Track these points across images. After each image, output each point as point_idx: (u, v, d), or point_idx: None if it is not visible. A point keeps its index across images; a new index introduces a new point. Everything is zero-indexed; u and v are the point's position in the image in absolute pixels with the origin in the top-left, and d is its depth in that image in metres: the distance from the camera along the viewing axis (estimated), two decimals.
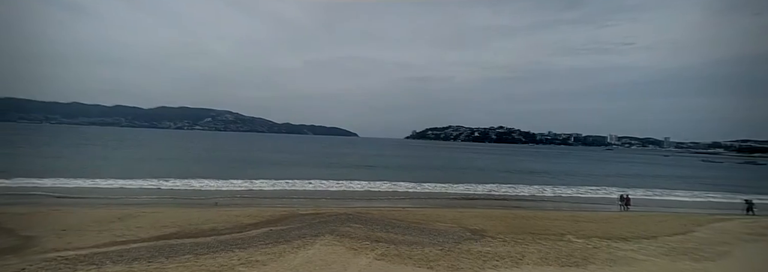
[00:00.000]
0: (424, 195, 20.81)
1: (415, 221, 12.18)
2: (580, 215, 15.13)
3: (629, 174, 43.75)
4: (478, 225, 11.86)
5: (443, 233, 10.53)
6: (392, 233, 10.26)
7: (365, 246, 8.75)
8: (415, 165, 42.87)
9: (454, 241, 9.63)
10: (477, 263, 7.76)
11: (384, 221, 11.90)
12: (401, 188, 22.26)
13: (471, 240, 9.83)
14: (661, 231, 11.88)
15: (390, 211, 14.27)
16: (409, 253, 8.24)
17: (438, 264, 7.56)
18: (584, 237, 10.60)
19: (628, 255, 8.84)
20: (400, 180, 25.94)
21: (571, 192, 23.59)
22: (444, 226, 11.50)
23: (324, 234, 9.72)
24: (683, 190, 27.24)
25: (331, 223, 11.16)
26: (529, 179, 31.56)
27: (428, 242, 9.41)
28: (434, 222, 12.21)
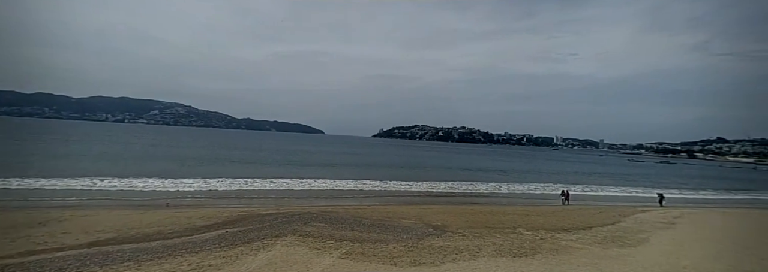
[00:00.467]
0: (389, 192, 21.11)
1: (380, 218, 12.31)
2: (530, 209, 16.54)
3: (571, 171, 48.81)
4: (440, 221, 12.35)
5: (407, 229, 10.79)
6: (357, 231, 10.26)
7: (329, 245, 8.63)
8: (381, 164, 43.23)
9: (417, 237, 9.92)
10: (438, 257, 8.10)
11: (349, 219, 11.84)
12: (367, 186, 22.31)
13: (433, 236, 10.21)
14: (595, 222, 13.47)
15: (355, 209, 14.24)
16: (374, 251, 8.31)
17: (401, 260, 7.74)
18: (533, 230, 11.61)
19: (569, 245, 9.88)
20: (366, 178, 26.00)
21: (523, 189, 25.65)
22: (408, 223, 11.79)
23: (286, 234, 9.39)
24: (613, 186, 31.17)
25: (294, 223, 10.81)
26: (487, 177, 33.62)
27: (392, 239, 9.58)
28: (399, 219, 12.46)
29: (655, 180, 40.40)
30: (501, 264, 7.78)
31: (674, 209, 18.57)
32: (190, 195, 16.89)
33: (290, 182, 21.75)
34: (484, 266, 7.61)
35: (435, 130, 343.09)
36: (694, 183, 40.12)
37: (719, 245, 10.39)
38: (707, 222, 14.69)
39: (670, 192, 27.45)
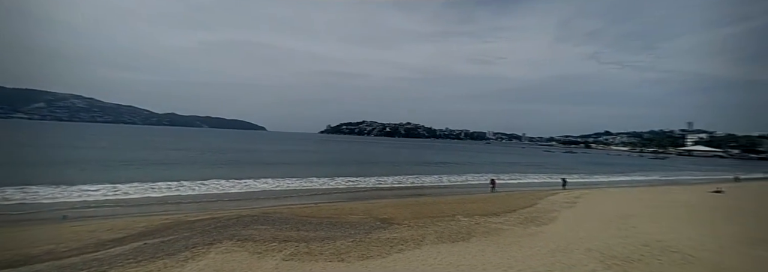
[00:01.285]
0: (337, 190, 20.82)
1: (327, 216, 12.09)
2: (467, 198, 18.16)
3: (499, 162, 55.06)
4: (387, 214, 12.71)
5: (355, 225, 10.83)
6: (303, 231, 9.91)
7: (272, 247, 8.16)
8: (328, 161, 42.31)
9: (365, 232, 10.04)
10: (385, 249, 8.34)
11: (294, 219, 11.36)
12: (313, 184, 21.62)
13: (381, 229, 10.46)
14: (518, 205, 15.48)
15: (301, 208, 13.72)
16: (321, 249, 8.14)
17: (349, 255, 7.75)
18: (469, 216, 12.79)
19: (498, 227, 11.18)
20: (313, 175, 25.20)
21: (462, 180, 27.97)
22: (356, 218, 11.83)
23: (221, 240, 8.55)
24: (532, 173, 36.21)
25: (230, 228, 9.91)
26: (431, 170, 35.72)
27: (340, 235, 9.51)
28: (347, 215, 12.42)
29: (562, 167, 48.27)
30: (442, 250, 8.39)
31: (576, 190, 22.46)
32: (94, 205, 14.06)
33: (225, 184, 19.73)
34: (427, 253, 8.11)
35: (382, 125, 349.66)
36: (589, 168, 49.11)
37: (606, 217, 12.96)
38: (599, 200, 18.15)
39: (571, 177, 33.14)
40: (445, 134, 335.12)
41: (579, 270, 7.12)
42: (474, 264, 7.34)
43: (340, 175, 26.05)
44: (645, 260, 7.79)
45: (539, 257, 7.93)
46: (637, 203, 16.84)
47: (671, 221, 12.41)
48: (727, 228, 11.29)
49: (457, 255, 7.98)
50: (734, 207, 16.09)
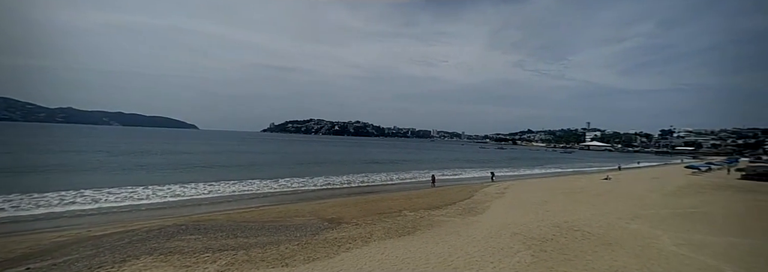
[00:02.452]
0: (282, 191, 19.69)
1: (271, 219, 11.40)
2: (413, 193, 19.03)
3: (442, 159, 59.02)
4: (335, 214, 12.54)
5: (301, 227, 10.44)
6: (242, 237, 9.15)
7: (204, 259, 7.36)
8: (271, 161, 39.68)
9: (311, 233, 9.75)
10: (332, 249, 8.23)
11: (231, 225, 10.41)
12: (254, 187, 20.05)
13: (328, 229, 10.28)
14: (457, 198, 16.84)
15: (240, 213, 12.63)
16: (262, 255, 7.64)
17: (294, 259, 7.44)
18: (414, 210, 13.44)
19: (440, 219, 11.99)
20: (254, 177, 23.41)
21: (409, 177, 29.12)
22: (302, 220, 11.40)
23: (138, 256, 7.38)
24: (469, 168, 39.71)
25: (150, 241, 8.61)
26: (380, 168, 36.38)
27: (284, 239, 9.06)
28: (292, 217, 11.88)
29: (494, 162, 54.08)
30: (389, 245, 8.65)
31: (504, 182, 25.40)
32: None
33: (144, 192, 16.95)
34: (375, 250, 8.27)
35: (331, 124, 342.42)
36: (516, 162, 56.02)
37: (527, 205, 14.97)
38: (522, 190, 20.84)
39: (502, 170, 37.35)
40: (393, 132, 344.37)
41: (507, 252, 8.09)
42: (418, 256, 7.74)
43: (285, 176, 24.73)
44: (556, 239, 9.24)
45: (475, 243, 8.77)
46: (550, 191, 19.80)
47: (574, 204, 14.94)
48: (612, 208, 14.09)
49: (404, 249, 8.32)
50: (617, 191, 20.15)
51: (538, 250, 8.20)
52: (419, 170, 34.23)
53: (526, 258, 7.61)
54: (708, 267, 7.12)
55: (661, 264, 7.30)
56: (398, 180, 26.81)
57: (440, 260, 7.50)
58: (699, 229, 10.45)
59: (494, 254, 7.92)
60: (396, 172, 31.60)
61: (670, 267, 7.09)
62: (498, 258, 7.60)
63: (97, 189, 16.57)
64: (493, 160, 59.70)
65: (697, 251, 8.19)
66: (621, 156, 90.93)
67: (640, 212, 13.18)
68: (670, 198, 16.99)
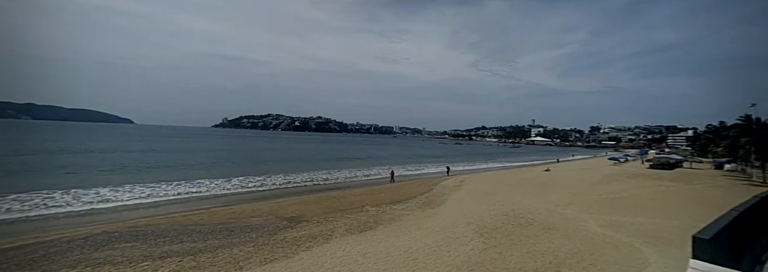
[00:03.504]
0: (237, 192, 18.44)
1: (223, 221, 10.63)
2: (375, 188, 19.22)
3: (404, 154, 60.50)
4: (295, 212, 12.14)
5: (257, 228, 9.91)
6: (189, 242, 8.40)
7: (143, 268, 6.62)
8: (224, 160, 36.80)
9: (269, 233, 9.32)
10: (292, 249, 7.97)
11: (176, 230, 9.48)
12: (203, 188, 18.43)
13: (287, 229, 9.92)
14: (417, 192, 17.44)
15: (186, 216, 11.54)
16: (213, 260, 7.11)
17: (249, 262, 7.05)
18: (377, 205, 13.60)
19: (402, 213, 12.31)
20: (203, 177, 21.55)
21: (373, 173, 29.27)
22: (258, 220, 10.83)
23: (57, 270, 6.35)
24: (430, 163, 41.26)
25: (72, 252, 7.47)
26: (343, 164, 36.00)
27: (238, 241, 8.53)
28: (247, 218, 11.22)
29: (453, 156, 57.05)
30: (350, 241, 8.65)
31: (461, 176, 26.95)
32: None
33: (61, 198, 14.41)
34: (336, 247, 8.20)
35: (291, 119, 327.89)
36: (472, 157, 59.78)
37: (480, 196, 16.09)
38: (476, 182, 22.32)
39: (460, 164, 39.54)
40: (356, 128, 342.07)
41: (461, 240, 8.62)
42: (380, 250, 7.87)
43: (239, 175, 23.18)
44: (504, 226, 10.10)
45: (433, 235, 9.18)
46: (500, 183, 21.52)
47: (520, 194, 16.46)
48: (551, 196, 15.81)
49: (366, 244, 8.39)
50: (555, 181, 22.65)
51: (489, 237, 8.88)
52: (382, 166, 34.59)
53: (478, 246, 8.19)
54: (623, 243, 8.40)
55: (587, 243, 8.42)
56: (362, 177, 26.74)
57: (401, 252, 7.71)
58: (617, 212, 12.25)
59: (450, 243, 8.39)
60: (359, 169, 31.55)
61: (594, 245, 8.22)
62: (454, 247, 8.06)
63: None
64: (451, 155, 62.84)
65: (615, 230, 9.60)
66: (559, 150, 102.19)
67: (573, 199, 14.99)
68: (596, 186, 19.61)
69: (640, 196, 16.14)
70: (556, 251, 7.82)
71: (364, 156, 51.93)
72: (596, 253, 7.67)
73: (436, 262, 7.07)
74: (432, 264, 6.94)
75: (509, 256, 7.48)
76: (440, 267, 6.79)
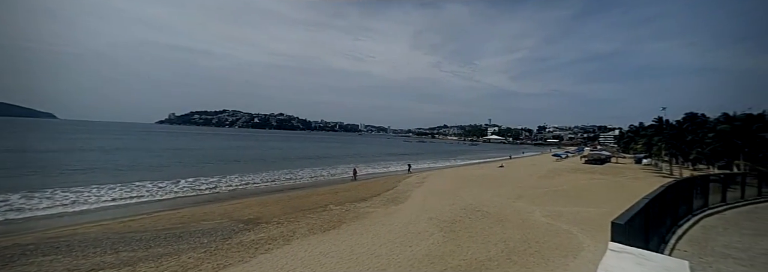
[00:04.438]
0: (187, 195, 16.86)
1: (169, 226, 9.67)
2: (339, 187, 18.99)
3: (370, 152, 60.66)
4: (253, 214, 11.50)
5: (209, 232, 9.20)
6: (126, 251, 7.51)
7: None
8: (170, 160, 33.42)
9: (223, 237, 8.71)
10: (249, 252, 7.55)
11: (111, 238, 8.41)
12: (143, 191, 16.55)
13: (244, 231, 9.36)
14: (382, 189, 17.64)
15: (123, 222, 10.28)
16: (156, 269, 6.46)
17: (199, 269, 6.53)
18: (340, 204, 13.46)
19: (366, 211, 12.34)
20: (147, 179, 19.37)
21: (338, 172, 28.83)
22: (211, 224, 10.06)
23: None
24: (395, 161, 41.95)
25: None
26: (306, 163, 34.90)
27: (187, 247, 7.84)
28: (198, 222, 10.35)
29: (417, 154, 58.65)
30: (313, 241, 8.45)
31: (424, 172, 27.84)
32: None
33: None
34: (297, 248, 7.95)
35: (250, 116, 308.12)
36: (435, 155, 62.06)
37: (442, 192, 16.80)
38: (438, 179, 23.24)
39: (424, 162, 40.81)
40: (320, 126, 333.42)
41: (423, 235, 8.93)
42: (343, 249, 7.81)
43: (189, 177, 21.26)
44: (462, 220, 10.68)
45: (396, 230, 9.38)
46: (459, 179, 22.68)
47: (477, 190, 17.53)
48: (504, 190, 17.10)
49: (329, 243, 8.26)
50: (507, 176, 24.54)
51: (448, 231, 9.33)
52: (347, 164, 34.26)
53: (438, 239, 8.56)
54: (563, 231, 9.41)
55: (534, 231, 9.28)
56: (328, 176, 26.04)
57: (365, 250, 7.75)
58: (558, 203, 13.68)
59: (412, 238, 8.65)
60: (323, 167, 30.88)
61: (539, 233, 9.09)
62: (416, 242, 8.32)
63: None
64: (415, 153, 64.51)
65: (556, 219, 10.72)
66: (512, 148, 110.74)
67: (522, 192, 16.39)
68: (541, 180, 21.66)
69: (576, 188, 18.19)
70: (507, 240, 8.50)
71: (328, 154, 50.95)
72: (541, 240, 8.49)
73: (399, 257, 7.24)
74: (395, 260, 7.09)
75: (466, 247, 7.94)
76: (403, 262, 6.97)
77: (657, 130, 34.38)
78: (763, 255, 4.29)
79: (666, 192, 4.46)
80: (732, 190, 8.78)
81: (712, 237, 5.07)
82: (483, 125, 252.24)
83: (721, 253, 4.31)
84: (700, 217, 6.48)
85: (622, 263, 1.53)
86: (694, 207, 6.82)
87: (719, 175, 9.31)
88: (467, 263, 6.95)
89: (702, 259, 4.05)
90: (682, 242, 4.75)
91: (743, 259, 4.09)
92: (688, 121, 31.97)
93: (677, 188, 5.49)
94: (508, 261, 7.04)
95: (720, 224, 6.11)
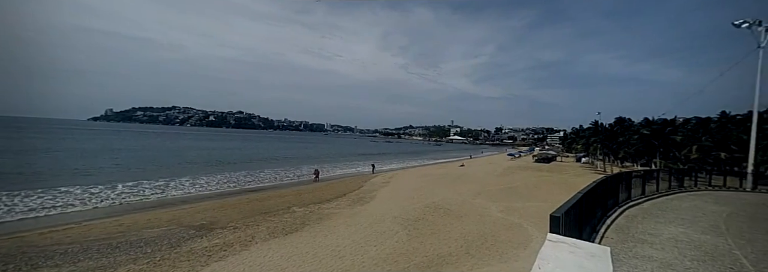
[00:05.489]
0: (127, 201, 15.05)
1: (104, 236, 8.59)
2: (303, 189, 18.43)
3: (336, 153, 59.77)
4: (206, 219, 10.67)
5: (153, 240, 8.34)
6: (47, 267, 6.52)
7: None
8: (106, 162, 29.62)
9: (170, 246, 7.96)
10: (201, 261, 7.00)
11: (28, 253, 7.23)
12: (70, 198, 14.47)
13: (196, 238, 8.65)
14: (348, 189, 17.51)
15: (45, 234, 8.88)
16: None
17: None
18: (304, 206, 13.08)
19: (331, 212, 12.15)
20: (75, 184, 16.93)
21: (302, 173, 27.86)
22: (155, 232, 9.13)
23: None
24: (362, 161, 41.84)
25: None
26: (266, 164, 33.24)
27: (126, 259, 7.03)
28: (140, 229, 9.33)
29: (384, 154, 59.17)
30: (273, 246, 8.10)
31: (390, 172, 28.21)
32: None
33: None
34: (257, 253, 7.56)
35: (204, 113, 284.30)
36: (402, 154, 63.14)
37: (406, 190, 17.18)
38: (404, 178, 23.70)
39: (378, 162, 41.27)
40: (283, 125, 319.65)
41: (388, 234, 9.05)
42: (306, 251, 7.61)
43: (129, 180, 19.07)
44: (425, 217, 11.04)
45: (361, 230, 9.38)
46: (424, 178, 23.38)
47: (439, 188, 18.23)
48: (464, 188, 18.02)
49: (290, 247, 7.98)
50: (468, 175, 25.89)
51: (412, 229, 9.58)
52: (311, 165, 33.37)
53: (403, 237, 8.75)
54: (515, 225, 10.20)
55: (490, 226, 9.93)
56: (293, 177, 24.70)
57: (328, 251, 7.63)
58: (512, 199, 14.79)
59: (377, 238, 8.72)
60: (286, 169, 29.69)
61: (495, 228, 9.75)
62: (380, 241, 8.41)
63: None
64: (382, 153, 65.00)
65: (510, 214, 11.58)
66: (472, 148, 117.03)
67: (480, 190, 17.41)
68: (498, 178, 23.22)
69: (528, 185, 19.82)
70: (466, 235, 8.97)
71: (292, 155, 49.08)
72: (496, 234, 9.12)
73: (364, 257, 7.26)
74: (359, 260, 7.10)
75: (429, 244, 8.23)
76: (367, 262, 6.99)
77: (594, 132, 38.84)
78: (669, 239, 5.09)
79: (597, 187, 5.08)
80: (650, 184, 10.28)
81: (633, 226, 5.89)
82: (446, 126, 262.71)
83: (639, 239, 5.03)
84: (624, 208, 7.48)
85: (558, 252, 1.73)
86: (620, 200, 7.85)
87: (640, 172, 10.82)
88: (429, 259, 7.20)
89: (624, 245, 4.69)
90: (610, 230, 5.45)
91: (655, 243, 4.83)
92: (618, 125, 36.60)
93: (607, 183, 6.28)
94: (467, 255, 7.44)
95: (639, 214, 7.11)
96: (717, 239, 5.18)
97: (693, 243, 4.91)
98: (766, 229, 6.03)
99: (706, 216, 7.09)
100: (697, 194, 10.88)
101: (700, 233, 5.51)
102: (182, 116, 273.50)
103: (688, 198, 9.71)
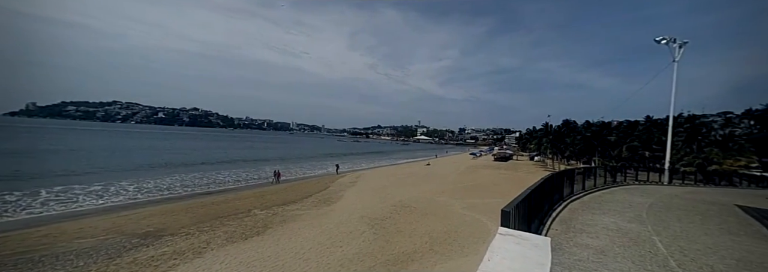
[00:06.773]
0: (49, 210, 13.08)
1: (22, 250, 7.41)
2: (266, 190, 17.61)
3: (301, 153, 57.98)
4: (154, 226, 9.70)
5: (87, 252, 7.40)
6: None
7: None
8: (25, 164, 25.51)
9: (108, 257, 7.12)
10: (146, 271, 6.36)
11: None
12: None
13: (140, 247, 7.83)
14: (313, 191, 17.10)
15: None
16: None
17: None
18: (266, 208, 12.50)
19: (295, 213, 11.77)
20: None
21: (265, 174, 26.54)
22: (90, 242, 8.09)
23: None
24: (328, 161, 41.09)
25: None
26: (224, 166, 31.14)
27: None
28: (70, 240, 8.21)
29: (351, 154, 58.70)
30: (231, 252, 7.64)
31: (357, 172, 28.10)
32: None
33: None
34: (212, 260, 7.07)
35: (152, 109, 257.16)
36: (369, 154, 63.17)
37: (373, 190, 17.25)
38: (371, 178, 23.76)
39: (342, 162, 41.09)
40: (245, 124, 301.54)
41: (354, 234, 9.02)
42: (267, 256, 7.29)
43: (56, 185, 16.65)
44: (392, 216, 11.20)
45: (327, 232, 9.23)
46: (391, 177, 23.68)
47: (406, 186, 18.62)
48: (430, 186, 18.61)
49: (250, 252, 7.59)
50: (433, 173, 26.78)
51: (378, 228, 9.66)
52: (272, 166, 31.97)
53: (369, 237, 8.79)
54: (476, 220, 10.79)
55: (453, 222, 10.39)
56: (257, 179, 23.03)
57: (292, 254, 7.40)
58: (474, 196, 15.61)
59: (343, 238, 8.65)
60: (247, 170, 28.10)
61: (457, 224, 10.22)
62: (346, 242, 8.35)
63: None
64: (350, 153, 64.45)
65: (471, 210, 12.22)
66: (438, 148, 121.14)
67: (445, 188, 18.12)
68: (461, 176, 24.34)
69: (488, 183, 21.07)
70: (431, 232, 9.28)
71: (253, 156, 46.48)
72: (459, 230, 9.56)
73: (329, 259, 7.16)
74: (324, 262, 6.98)
75: (395, 242, 8.36)
76: (333, 263, 6.91)
77: (545, 133, 42.54)
78: (604, 228, 5.79)
79: (545, 183, 5.59)
80: (589, 180, 11.55)
81: (574, 217, 6.57)
82: (414, 126, 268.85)
83: (579, 229, 5.63)
84: (568, 202, 8.32)
85: (506, 244, 1.88)
86: (564, 194, 8.71)
87: (582, 169, 12.10)
88: (395, 257, 7.33)
89: (566, 235, 5.22)
90: (555, 223, 6.03)
91: (591, 233, 5.45)
92: (565, 127, 40.50)
93: (553, 180, 6.94)
94: (431, 252, 7.71)
95: (580, 207, 7.96)
96: (640, 227, 5.99)
97: (621, 231, 5.62)
98: (677, 217, 7.12)
99: (632, 207, 8.15)
100: (627, 188, 12.45)
101: (627, 222, 6.33)
102: (125, 112, 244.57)
103: (619, 192, 11.08)
